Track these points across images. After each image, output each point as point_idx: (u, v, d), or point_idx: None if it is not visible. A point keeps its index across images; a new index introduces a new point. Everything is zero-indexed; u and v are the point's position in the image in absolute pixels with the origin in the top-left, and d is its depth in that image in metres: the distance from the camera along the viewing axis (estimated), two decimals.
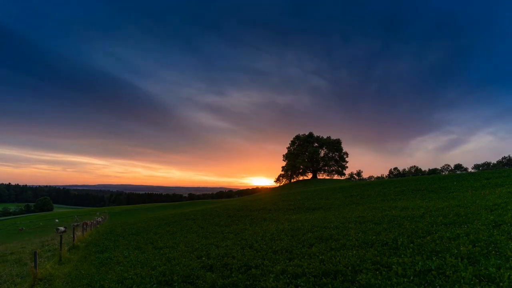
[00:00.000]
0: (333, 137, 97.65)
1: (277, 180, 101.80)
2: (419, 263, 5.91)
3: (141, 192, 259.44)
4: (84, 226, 22.83)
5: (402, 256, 6.61)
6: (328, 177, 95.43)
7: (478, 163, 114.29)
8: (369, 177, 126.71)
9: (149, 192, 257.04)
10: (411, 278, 5.32)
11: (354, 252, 7.53)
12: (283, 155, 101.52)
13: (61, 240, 13.23)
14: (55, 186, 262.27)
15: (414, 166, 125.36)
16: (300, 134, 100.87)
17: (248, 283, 6.48)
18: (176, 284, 7.14)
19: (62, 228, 28.61)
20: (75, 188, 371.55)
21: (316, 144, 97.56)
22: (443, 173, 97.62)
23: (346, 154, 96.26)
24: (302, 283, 5.94)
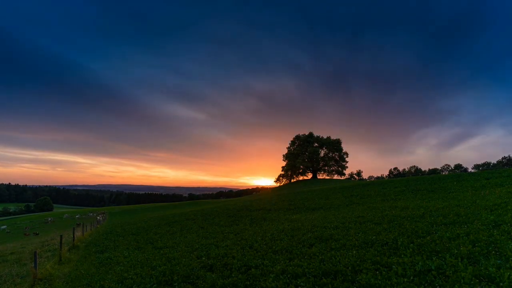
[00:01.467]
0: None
1: (277, 180, 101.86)
2: (419, 263, 5.91)
3: (141, 192, 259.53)
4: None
5: (402, 256, 6.61)
6: (328, 177, 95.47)
7: (478, 163, 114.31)
8: (369, 177, 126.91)
9: (149, 192, 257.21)
10: (411, 278, 5.32)
11: (354, 252, 7.52)
12: (283, 155, 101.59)
13: (61, 240, 13.23)
14: (55, 186, 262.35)
15: (414, 166, 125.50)
16: (300, 134, 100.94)
17: (248, 283, 6.48)
18: (176, 284, 7.14)
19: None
20: (75, 188, 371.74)
21: (316, 144, 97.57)
22: (443, 173, 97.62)
23: (346, 154, 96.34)
24: (302, 283, 5.94)
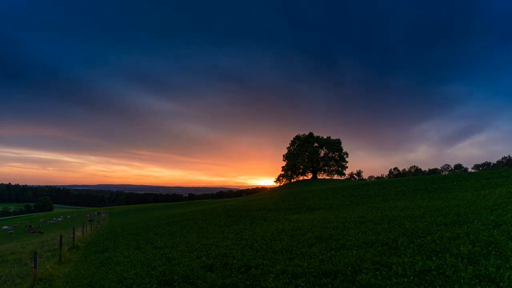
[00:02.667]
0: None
1: (277, 180, 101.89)
2: (419, 263, 5.91)
3: (141, 192, 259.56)
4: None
5: (402, 256, 6.61)
6: (328, 177, 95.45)
7: (478, 162, 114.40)
8: (369, 177, 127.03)
9: (149, 192, 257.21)
10: (411, 278, 5.32)
11: (354, 252, 7.52)
12: (283, 155, 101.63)
13: (61, 240, 13.24)
14: (55, 186, 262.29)
15: (414, 166, 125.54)
16: (300, 134, 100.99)
17: (248, 283, 6.48)
18: (176, 284, 7.14)
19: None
20: (75, 188, 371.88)
21: (316, 144, 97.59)
22: (443, 173, 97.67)
23: (346, 154, 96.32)
24: (302, 283, 5.94)
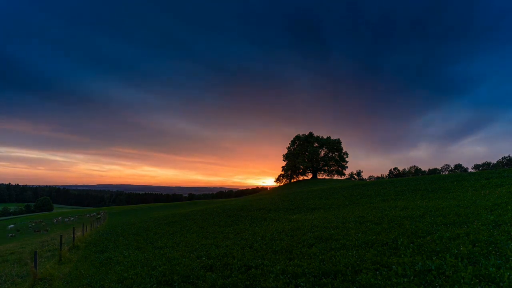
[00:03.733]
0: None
1: (277, 180, 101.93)
2: (419, 263, 5.91)
3: (141, 192, 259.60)
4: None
5: (402, 256, 6.61)
6: (328, 177, 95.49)
7: (478, 163, 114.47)
8: (369, 177, 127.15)
9: (149, 192, 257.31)
10: (411, 278, 5.32)
11: (354, 252, 7.52)
12: (283, 155, 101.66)
13: (61, 240, 13.24)
14: (55, 186, 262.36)
15: (414, 166, 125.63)
16: (300, 134, 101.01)
17: (248, 283, 6.48)
18: (176, 284, 7.14)
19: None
20: (75, 188, 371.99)
21: (316, 144, 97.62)
22: (443, 173, 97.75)
23: (346, 154, 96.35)
24: (302, 283, 5.94)
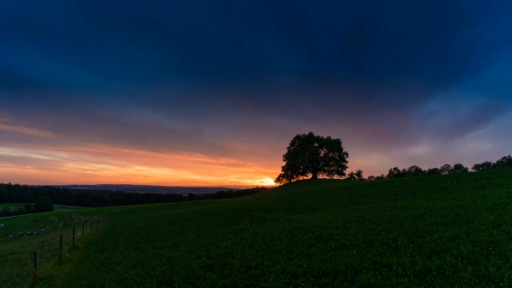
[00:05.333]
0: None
1: (277, 180, 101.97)
2: (419, 263, 5.91)
3: (141, 192, 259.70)
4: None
5: (402, 256, 6.61)
6: (328, 177, 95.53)
7: (478, 163, 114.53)
8: (369, 177, 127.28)
9: (149, 192, 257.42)
10: (411, 278, 5.32)
11: (354, 252, 7.53)
12: (283, 155, 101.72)
13: (61, 240, 13.24)
14: (55, 186, 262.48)
15: (414, 166, 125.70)
16: (300, 134, 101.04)
17: (248, 283, 6.48)
18: (176, 284, 7.14)
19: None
20: (75, 188, 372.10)
21: (316, 144, 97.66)
22: (443, 173, 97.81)
23: (346, 154, 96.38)
24: (302, 283, 5.94)
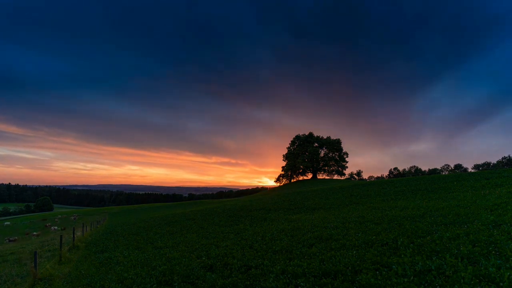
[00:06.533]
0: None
1: (277, 180, 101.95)
2: (419, 263, 5.91)
3: (141, 192, 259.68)
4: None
5: (402, 256, 6.61)
6: (328, 177, 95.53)
7: (478, 163, 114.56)
8: (369, 177, 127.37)
9: (149, 192, 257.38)
10: (411, 278, 5.32)
11: (354, 252, 7.52)
12: (283, 155, 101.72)
13: (61, 240, 13.24)
14: (55, 186, 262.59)
15: (414, 166, 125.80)
16: (300, 134, 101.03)
17: (248, 283, 6.48)
18: (176, 284, 7.14)
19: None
20: (75, 188, 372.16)
21: (316, 144, 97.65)
22: (443, 173, 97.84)
23: (346, 154, 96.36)
24: (302, 283, 5.94)
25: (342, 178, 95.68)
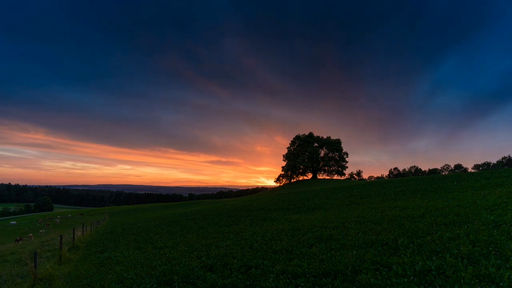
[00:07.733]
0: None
1: (277, 180, 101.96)
2: (419, 263, 5.90)
3: (141, 192, 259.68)
4: None
5: (402, 256, 6.61)
6: (328, 177, 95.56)
7: (478, 163, 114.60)
8: (369, 177, 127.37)
9: (149, 192, 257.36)
10: (411, 278, 5.32)
11: (354, 252, 7.52)
12: (283, 155, 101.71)
13: (61, 240, 13.24)
14: (55, 186, 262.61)
15: (414, 166, 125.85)
16: (300, 134, 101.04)
17: (248, 283, 6.48)
18: (176, 284, 7.14)
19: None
20: (75, 188, 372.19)
21: (316, 144, 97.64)
22: (443, 173, 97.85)
23: (346, 154, 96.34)
24: (302, 283, 5.94)
25: (342, 178, 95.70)
